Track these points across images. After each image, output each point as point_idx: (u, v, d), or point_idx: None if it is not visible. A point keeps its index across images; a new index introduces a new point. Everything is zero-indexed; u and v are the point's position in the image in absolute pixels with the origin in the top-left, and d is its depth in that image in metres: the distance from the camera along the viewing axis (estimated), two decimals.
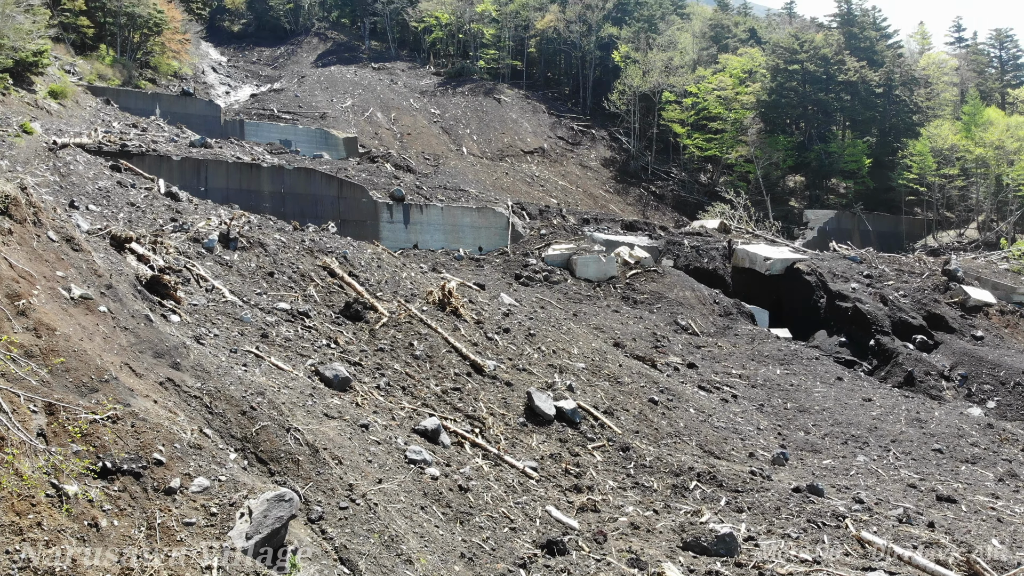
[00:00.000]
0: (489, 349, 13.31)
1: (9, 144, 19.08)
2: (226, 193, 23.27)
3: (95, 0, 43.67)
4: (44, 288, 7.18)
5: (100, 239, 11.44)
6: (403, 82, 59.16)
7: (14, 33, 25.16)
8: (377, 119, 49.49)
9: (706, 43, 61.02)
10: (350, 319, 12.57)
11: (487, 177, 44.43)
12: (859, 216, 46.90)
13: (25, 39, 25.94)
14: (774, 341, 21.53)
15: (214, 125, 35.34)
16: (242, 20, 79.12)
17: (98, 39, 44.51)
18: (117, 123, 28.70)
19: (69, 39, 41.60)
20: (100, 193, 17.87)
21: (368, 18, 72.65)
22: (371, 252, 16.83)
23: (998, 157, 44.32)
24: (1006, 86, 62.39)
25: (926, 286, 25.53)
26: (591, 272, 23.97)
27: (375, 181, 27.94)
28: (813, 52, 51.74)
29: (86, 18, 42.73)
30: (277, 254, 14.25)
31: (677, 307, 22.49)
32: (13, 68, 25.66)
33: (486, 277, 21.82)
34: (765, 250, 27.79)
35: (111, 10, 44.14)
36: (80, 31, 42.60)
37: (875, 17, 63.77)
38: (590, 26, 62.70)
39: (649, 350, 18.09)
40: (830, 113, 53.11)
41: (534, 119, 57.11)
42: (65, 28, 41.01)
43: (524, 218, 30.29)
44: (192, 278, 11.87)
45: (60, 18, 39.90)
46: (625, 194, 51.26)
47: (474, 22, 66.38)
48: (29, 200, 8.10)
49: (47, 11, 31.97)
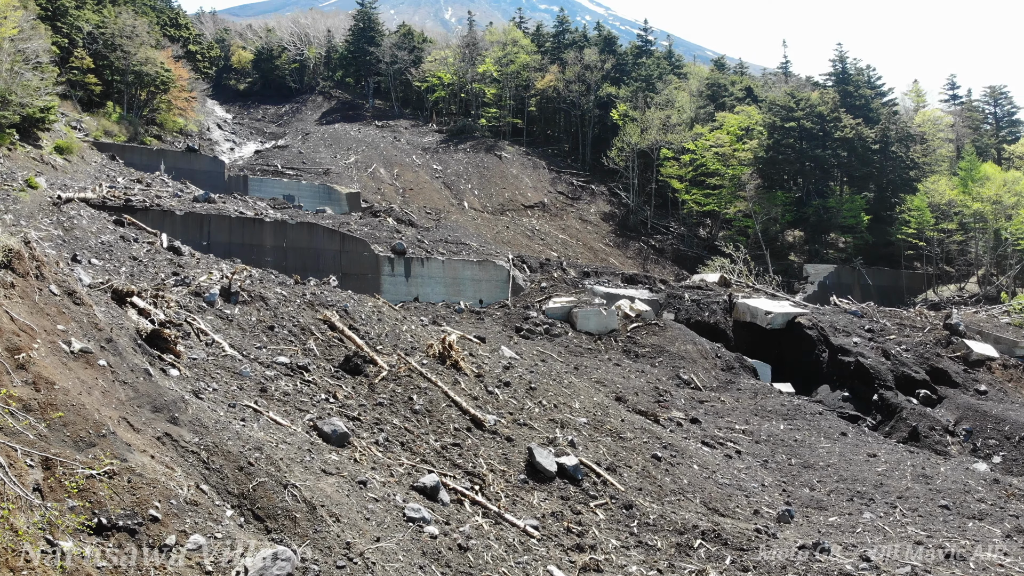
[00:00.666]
0: (489, 403, 13.20)
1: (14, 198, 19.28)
2: (228, 247, 23.41)
3: (103, 59, 44.72)
4: (44, 342, 7.17)
5: (101, 293, 11.46)
6: (406, 139, 60.10)
7: (22, 90, 25.69)
8: (380, 175, 50.11)
9: (703, 101, 62.16)
10: (349, 373, 12.50)
11: (488, 231, 44.77)
12: (859, 270, 47.04)
13: (33, 96, 26.47)
14: (777, 396, 21.36)
15: (218, 181, 35.75)
16: (248, 79, 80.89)
17: (105, 96, 45.45)
18: (122, 178, 29.04)
19: (76, 96, 42.45)
20: (103, 247, 17.97)
21: (372, 78, 74.24)
22: (372, 305, 16.84)
23: (996, 212, 44.68)
24: (1001, 142, 63.26)
25: (928, 340, 25.45)
26: (592, 325, 23.93)
27: (377, 235, 28.14)
28: (809, 110, 52.63)
29: (94, 76, 43.71)
30: (278, 308, 14.26)
31: (679, 361, 22.38)
32: (20, 124, 26.13)
33: (487, 330, 21.78)
34: (766, 304, 27.80)
35: (119, 68, 45.17)
36: (88, 88, 43.50)
37: (870, 76, 65.08)
38: (589, 86, 63.99)
39: (652, 405, 17.94)
40: (827, 169, 53.74)
41: (534, 174, 57.83)
42: (73, 85, 41.89)
43: (525, 271, 30.41)
44: (192, 332, 11.85)
45: (68, 75, 40.79)
46: (625, 248, 51.56)
47: (476, 82, 67.80)
48: (32, 254, 8.14)
49: (55, 69, 32.70)
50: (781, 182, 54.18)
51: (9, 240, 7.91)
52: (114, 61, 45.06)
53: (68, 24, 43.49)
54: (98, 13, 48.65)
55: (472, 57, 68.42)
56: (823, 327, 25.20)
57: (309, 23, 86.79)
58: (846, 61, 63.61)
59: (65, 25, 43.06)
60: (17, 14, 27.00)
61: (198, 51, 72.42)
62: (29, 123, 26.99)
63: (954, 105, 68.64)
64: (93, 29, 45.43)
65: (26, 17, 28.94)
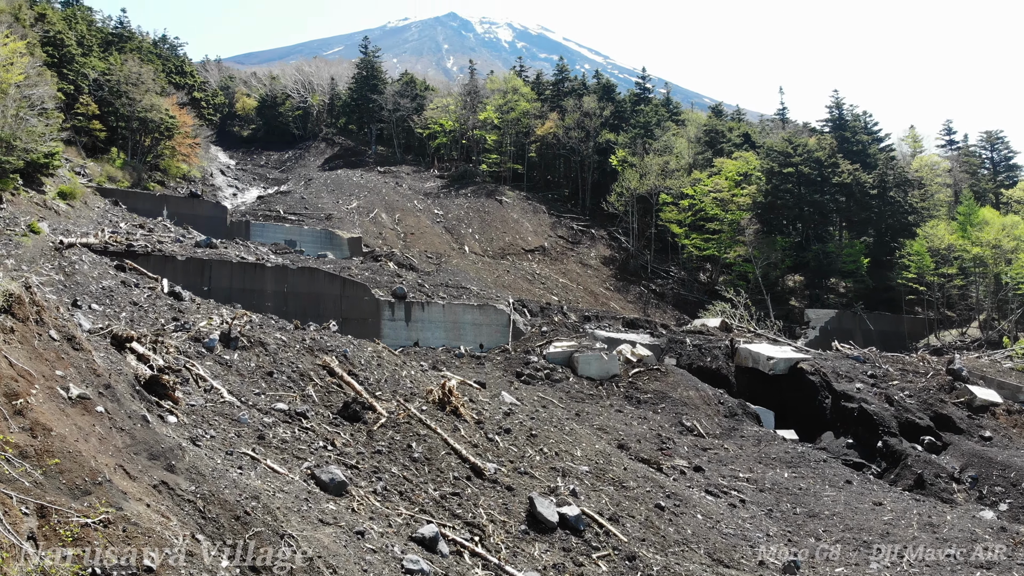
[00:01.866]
0: (490, 451, 13.04)
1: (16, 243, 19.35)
2: (229, 293, 23.41)
3: (108, 105, 45.37)
4: (43, 387, 7.13)
5: (101, 338, 11.42)
6: (408, 184, 60.63)
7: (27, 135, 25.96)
8: (382, 220, 50.42)
9: (701, 147, 62.90)
10: (348, 420, 12.38)
11: (489, 275, 44.86)
12: (860, 315, 47.00)
13: (37, 141, 26.75)
14: (781, 443, 21.13)
15: (220, 226, 35.94)
16: (252, 125, 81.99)
17: (110, 142, 46.00)
18: (124, 224, 29.20)
19: (81, 142, 42.97)
20: (103, 292, 17.97)
21: (375, 124, 75.25)
22: (371, 350, 16.76)
23: (995, 256, 44.84)
24: (999, 186, 63.78)
25: (931, 386, 25.28)
26: (593, 370, 23.80)
27: (377, 279, 28.17)
28: (807, 155, 53.19)
29: (99, 122, 44.32)
30: (277, 353, 14.19)
31: (681, 407, 22.20)
32: (24, 169, 26.35)
33: (487, 375, 21.65)
34: (768, 349, 27.69)
35: (124, 115, 45.80)
36: (92, 134, 44.05)
37: (866, 121, 65.94)
38: (588, 132, 64.84)
39: (654, 452, 17.74)
40: (826, 214, 54.10)
41: (535, 219, 58.19)
42: (78, 131, 42.43)
43: (525, 315, 30.36)
44: (191, 378, 11.77)
45: (73, 121, 41.35)
46: (625, 292, 51.60)
47: (477, 129, 68.71)
48: (32, 299, 8.13)
49: (60, 115, 33.12)
50: (780, 227, 54.50)
51: (10, 285, 7.91)
52: (119, 107, 45.71)
53: (74, 71, 44.24)
54: (104, 60, 49.54)
55: (473, 104, 69.45)
56: (826, 373, 25.06)
57: (313, 71, 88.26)
58: (842, 107, 64.54)
59: (71, 72, 43.80)
60: (24, 60, 27.42)
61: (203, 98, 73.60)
62: (33, 168, 27.22)
63: (951, 150, 69.43)
64: (99, 76, 46.20)
65: (32, 64, 29.39)
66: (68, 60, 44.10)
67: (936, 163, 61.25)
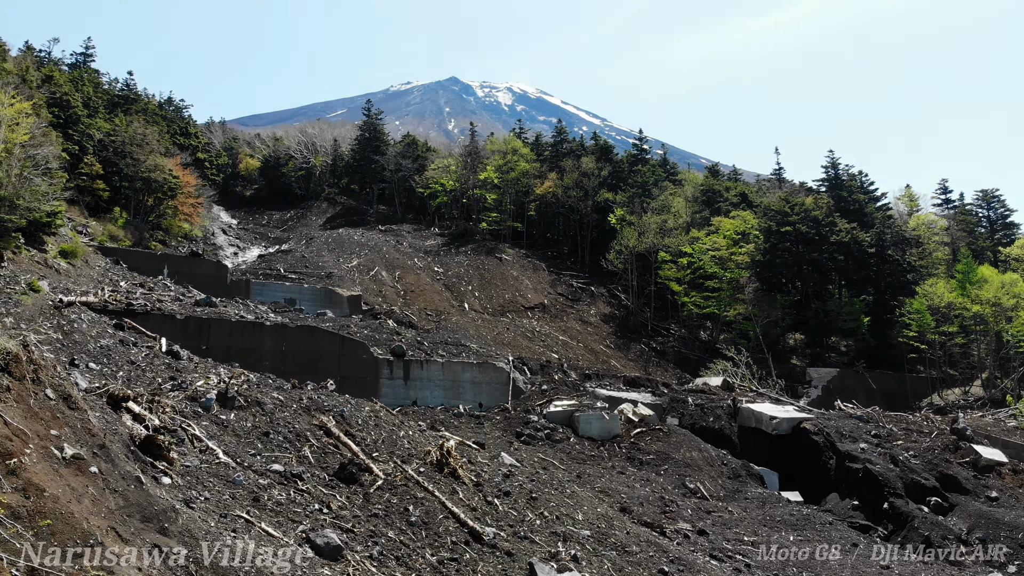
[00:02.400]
0: (489, 514, 12.78)
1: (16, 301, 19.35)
2: (228, 351, 23.30)
3: (112, 165, 45.98)
4: (37, 447, 7.05)
5: (97, 397, 11.31)
6: (408, 243, 61.04)
7: (30, 195, 26.21)
8: (382, 278, 50.58)
9: (699, 206, 63.53)
10: (344, 481, 12.17)
11: (488, 332, 44.76)
12: (862, 374, 46.74)
13: (40, 200, 26.98)
14: (786, 505, 20.76)
15: (220, 285, 36.01)
16: (254, 185, 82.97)
17: (113, 202, 46.46)
18: (124, 282, 29.27)
19: (84, 201, 43.40)
20: (101, 351, 17.89)
21: (377, 184, 76.19)
22: (369, 410, 16.60)
23: (996, 314, 44.82)
24: (996, 244, 64.15)
25: (936, 446, 24.96)
26: (594, 430, 23.52)
27: (376, 337, 28.08)
28: (804, 214, 53.66)
29: (102, 182, 44.84)
30: (274, 413, 14.04)
31: (684, 468, 21.87)
32: (26, 228, 26.51)
33: (486, 435, 21.39)
34: (771, 409, 27.43)
35: (127, 175, 46.38)
36: (95, 193, 44.52)
37: (862, 181, 66.70)
38: (587, 191, 65.62)
39: (657, 515, 17.40)
40: (825, 272, 54.28)
41: (534, 276, 58.38)
42: (81, 191, 42.89)
43: (525, 373, 30.17)
44: (187, 438, 11.62)
45: (77, 181, 41.82)
46: (626, 350, 51.40)
47: (477, 188, 69.59)
48: (30, 357, 8.08)
49: (64, 174, 33.52)
50: (780, 285, 54.64)
51: (8, 343, 7.88)
52: (123, 168, 46.32)
53: (80, 131, 44.95)
54: (110, 121, 50.43)
55: (474, 165, 70.47)
56: (829, 433, 24.78)
57: (316, 132, 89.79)
58: (838, 167, 65.35)
59: (76, 132, 44.49)
60: (29, 121, 27.87)
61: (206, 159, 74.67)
62: (35, 227, 27.40)
63: (947, 209, 70.08)
64: (104, 137, 46.94)
65: (38, 124, 29.87)
66: (74, 121, 44.85)
67: (933, 222, 61.76)
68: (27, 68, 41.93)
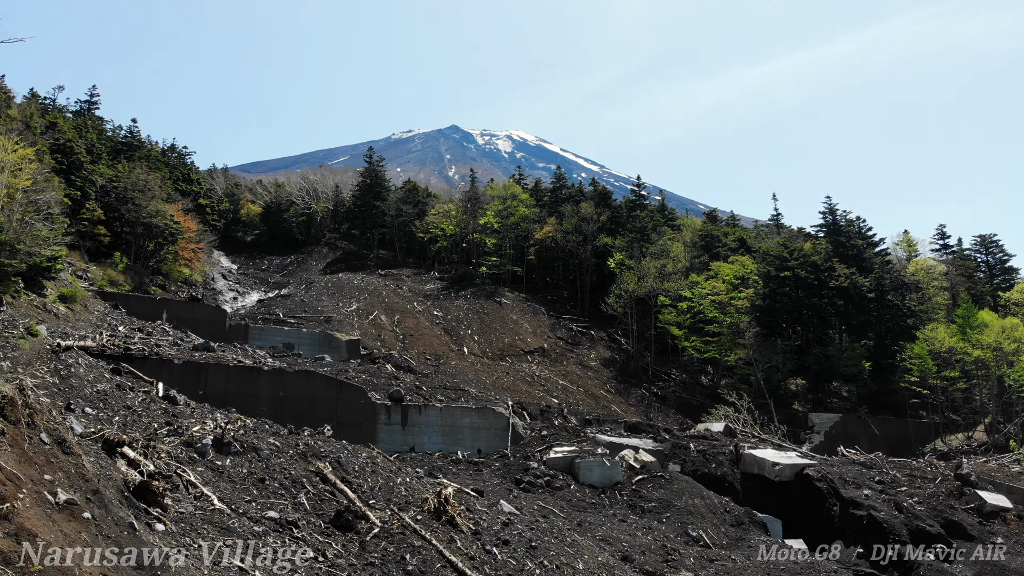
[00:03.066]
0: (487, 564, 12.54)
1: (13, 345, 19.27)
2: (225, 397, 23.13)
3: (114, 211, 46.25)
4: (30, 491, 6.97)
5: (92, 442, 11.20)
6: (408, 287, 61.10)
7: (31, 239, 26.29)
8: (381, 322, 50.50)
9: (697, 251, 63.79)
10: (340, 529, 11.97)
11: (487, 376, 44.51)
12: (864, 419, 46.38)
13: (41, 245, 27.05)
14: (790, 553, 20.39)
15: (219, 329, 35.93)
16: (255, 231, 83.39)
17: (113, 247, 46.62)
18: (123, 327, 29.20)
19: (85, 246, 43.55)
20: (97, 396, 17.76)
21: (377, 230, 76.63)
22: (366, 456, 16.41)
23: (997, 358, 44.66)
24: (996, 289, 64.24)
25: (940, 492, 24.66)
26: (595, 477, 23.22)
27: (375, 382, 27.91)
28: (803, 260, 53.85)
29: (103, 227, 45.05)
30: (270, 459, 13.88)
31: (687, 516, 21.54)
32: (26, 272, 26.53)
33: (485, 482, 21.10)
34: (773, 455, 27.14)
35: (129, 220, 46.61)
36: (97, 239, 44.69)
37: (860, 226, 67.08)
38: (586, 236, 65.98)
39: (659, 564, 17.08)
40: (825, 317, 54.23)
41: (534, 320, 58.30)
42: (82, 236, 43.07)
43: (525, 418, 29.90)
44: (182, 484, 11.46)
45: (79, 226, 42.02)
46: (627, 394, 51.05)
47: (477, 233, 69.97)
48: (25, 401, 8.03)
49: (66, 220, 33.68)
50: (780, 330, 54.53)
51: (3, 387, 7.84)
52: (124, 213, 46.58)
53: (82, 177, 45.33)
54: (112, 168, 50.92)
55: (474, 210, 70.96)
56: (832, 479, 24.48)
57: (318, 179, 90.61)
58: (836, 212, 65.77)
59: (79, 178, 44.86)
60: (32, 167, 28.11)
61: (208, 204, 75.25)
62: (35, 272, 27.42)
63: (945, 254, 70.33)
64: (107, 183, 47.32)
65: (41, 170, 30.12)
66: (77, 167, 45.27)
67: (932, 267, 61.94)
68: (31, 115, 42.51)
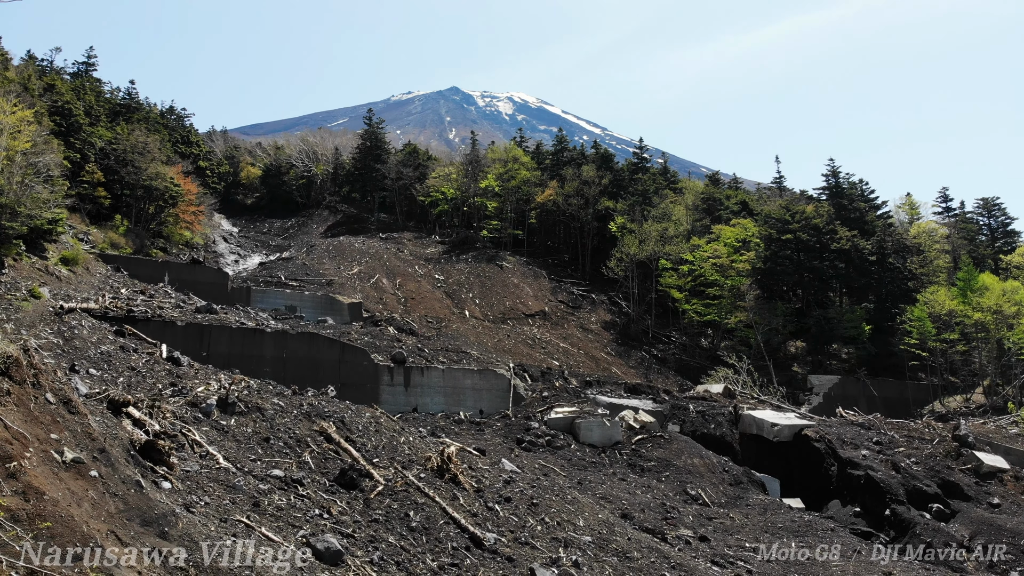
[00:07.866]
0: (489, 520, 12.75)
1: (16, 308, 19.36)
2: (228, 358, 23.30)
3: (114, 173, 46.00)
4: (37, 450, 7.05)
5: (98, 403, 11.31)
6: (409, 250, 61.05)
7: (31, 202, 26.22)
8: (383, 285, 50.58)
9: (699, 214, 63.54)
10: (345, 487, 12.14)
11: (489, 339, 44.72)
12: (863, 381, 46.65)
13: (42, 208, 26.99)
14: (787, 512, 20.69)
15: (221, 292, 36.01)
16: (255, 194, 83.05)
17: (114, 209, 46.47)
18: (125, 289, 29.27)
19: (85, 209, 43.40)
20: (102, 357, 17.89)
21: (378, 193, 76.23)
22: (369, 416, 16.57)
23: (997, 321, 44.73)
24: (997, 252, 64.02)
25: (938, 452, 24.92)
26: (595, 437, 23.48)
27: (377, 344, 28.07)
28: (805, 222, 53.68)
29: (103, 189, 44.83)
30: (274, 419, 14.02)
31: (686, 475, 21.82)
32: (27, 235, 26.52)
33: (487, 442, 21.35)
34: (772, 416, 27.38)
35: (129, 183, 46.39)
36: (97, 201, 44.51)
37: (862, 189, 66.65)
38: (587, 200, 65.67)
39: (659, 522, 17.35)
40: (826, 280, 54.21)
41: (535, 284, 58.35)
42: (82, 199, 42.89)
43: (526, 380, 30.12)
44: (187, 443, 11.60)
45: (79, 189, 41.83)
46: (627, 357, 51.31)
47: (478, 196, 69.62)
48: (30, 362, 8.09)
49: (66, 182, 33.53)
50: (780, 293, 54.59)
51: (8, 348, 7.89)
52: (124, 176, 46.34)
53: (81, 140, 45.00)
54: (111, 130, 50.53)
55: (475, 173, 70.51)
56: (831, 440, 24.73)
57: (317, 141, 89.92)
58: (838, 175, 65.35)
59: (78, 141, 44.54)
60: (31, 129, 27.93)
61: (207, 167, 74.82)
62: (36, 234, 27.40)
63: (948, 217, 70.00)
64: (106, 145, 47.00)
65: (39, 132, 29.92)
66: (75, 129, 44.93)
67: (934, 230, 61.70)
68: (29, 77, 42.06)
